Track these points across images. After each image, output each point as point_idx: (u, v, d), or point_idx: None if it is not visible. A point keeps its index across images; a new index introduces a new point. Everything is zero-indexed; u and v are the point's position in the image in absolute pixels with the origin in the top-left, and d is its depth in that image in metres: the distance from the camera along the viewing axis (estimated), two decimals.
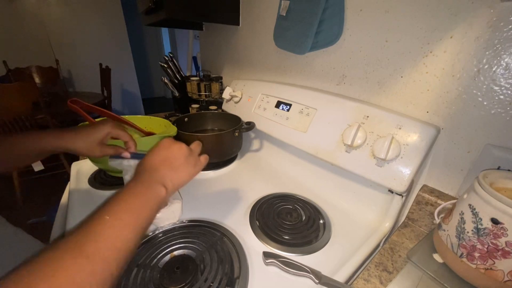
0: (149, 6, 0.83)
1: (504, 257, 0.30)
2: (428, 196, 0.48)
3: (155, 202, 0.32)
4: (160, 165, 0.36)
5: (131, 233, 0.27)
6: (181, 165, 0.37)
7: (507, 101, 0.39)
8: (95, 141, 0.43)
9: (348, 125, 0.53)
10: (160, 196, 0.33)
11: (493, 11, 0.38)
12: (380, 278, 0.38)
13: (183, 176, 0.37)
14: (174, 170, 0.36)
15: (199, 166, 0.40)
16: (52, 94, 2.05)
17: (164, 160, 0.36)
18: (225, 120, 0.85)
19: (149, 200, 0.31)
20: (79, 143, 0.42)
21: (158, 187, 0.33)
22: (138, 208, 0.30)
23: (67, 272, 0.21)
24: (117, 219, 0.27)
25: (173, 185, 0.35)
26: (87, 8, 2.74)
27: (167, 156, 0.37)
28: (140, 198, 0.31)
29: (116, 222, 0.26)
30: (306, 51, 0.65)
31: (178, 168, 0.37)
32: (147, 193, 0.32)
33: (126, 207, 0.29)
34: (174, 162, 0.37)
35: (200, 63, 1.40)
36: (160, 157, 0.37)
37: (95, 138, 0.43)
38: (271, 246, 0.45)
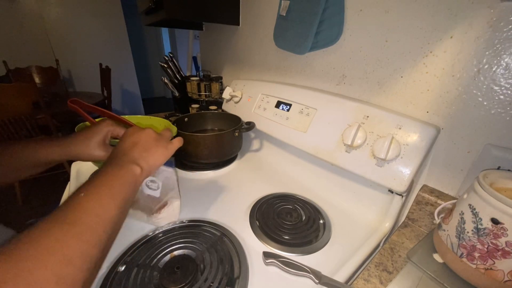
0: (149, 6, 0.83)
1: (504, 257, 0.30)
2: (428, 196, 0.48)
3: (130, 179, 0.32)
4: (130, 149, 0.36)
5: (109, 203, 0.27)
6: (152, 147, 0.37)
7: (507, 101, 0.39)
8: (97, 143, 0.43)
9: (348, 125, 0.53)
10: (135, 173, 0.33)
11: (493, 11, 0.38)
12: (380, 278, 0.38)
13: (157, 156, 0.37)
14: (146, 152, 0.36)
15: (171, 147, 0.40)
16: (52, 94, 2.04)
17: (134, 144, 0.36)
18: (225, 120, 0.85)
19: (124, 176, 0.31)
20: (80, 148, 0.42)
21: (132, 166, 0.33)
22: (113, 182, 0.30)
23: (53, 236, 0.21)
24: (93, 193, 0.27)
25: (148, 164, 0.35)
26: (87, 8, 2.74)
27: (136, 141, 0.37)
28: (114, 174, 0.31)
29: (92, 196, 0.27)
30: (306, 51, 0.65)
31: (149, 150, 0.37)
32: (121, 171, 0.32)
33: (100, 183, 0.29)
34: (145, 144, 0.37)
35: (200, 63, 1.40)
36: (129, 143, 0.37)
37: (96, 140, 0.43)
38: (271, 246, 0.45)
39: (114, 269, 0.39)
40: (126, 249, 0.43)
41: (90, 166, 0.68)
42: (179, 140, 0.44)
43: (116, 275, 0.38)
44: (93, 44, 2.90)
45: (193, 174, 0.69)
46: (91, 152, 0.42)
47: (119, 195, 0.29)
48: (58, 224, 0.23)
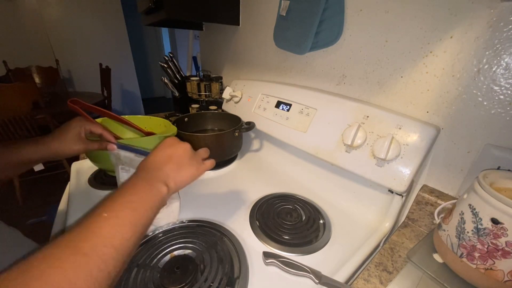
0: (149, 6, 0.83)
1: (504, 257, 0.30)
2: (428, 196, 0.48)
3: (155, 200, 0.31)
4: (163, 164, 0.35)
5: (129, 231, 0.26)
6: (185, 165, 0.37)
7: (507, 101, 0.39)
8: (72, 138, 0.43)
9: (348, 125, 0.53)
10: (161, 194, 0.32)
11: (493, 11, 0.38)
12: (380, 278, 0.38)
13: (186, 176, 0.37)
14: (177, 170, 0.36)
15: (202, 168, 0.40)
16: (52, 94, 2.04)
17: (168, 159, 0.36)
18: (225, 120, 0.85)
19: (150, 197, 0.31)
20: (57, 145, 0.42)
21: (159, 186, 0.32)
22: (137, 205, 0.29)
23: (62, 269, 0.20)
24: (116, 217, 0.26)
25: (175, 184, 0.35)
26: (87, 8, 2.74)
27: (171, 155, 0.36)
28: (140, 195, 0.30)
29: (114, 220, 0.26)
30: (306, 51, 0.65)
31: (181, 168, 0.36)
32: (148, 191, 0.31)
33: (125, 204, 0.28)
34: (178, 161, 0.36)
35: (200, 63, 1.40)
36: (164, 156, 0.36)
37: (71, 135, 0.43)
38: (271, 246, 0.45)
39: None
40: None
41: (90, 166, 0.68)
42: (212, 162, 0.42)
43: None
44: (93, 44, 2.90)
45: None
46: (68, 147, 0.43)
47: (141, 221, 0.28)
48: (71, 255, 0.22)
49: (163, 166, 0.35)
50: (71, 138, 0.43)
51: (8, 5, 2.36)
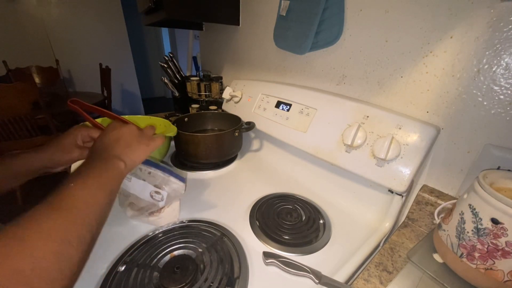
0: (149, 6, 0.83)
1: (504, 257, 0.30)
2: (428, 196, 0.48)
3: (115, 173, 0.33)
4: (113, 144, 0.36)
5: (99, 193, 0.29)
6: (134, 143, 0.38)
7: (507, 101, 0.39)
8: (68, 145, 0.44)
9: (348, 125, 0.53)
10: (120, 168, 0.34)
11: (493, 11, 0.38)
12: (380, 278, 0.38)
13: (139, 152, 0.38)
14: (128, 147, 0.37)
15: (153, 144, 0.41)
16: (52, 94, 2.04)
17: (116, 140, 0.37)
18: (225, 120, 0.85)
19: (110, 170, 0.32)
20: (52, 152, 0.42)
21: (116, 161, 0.34)
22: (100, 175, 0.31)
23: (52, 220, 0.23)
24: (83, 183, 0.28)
25: (130, 160, 0.36)
26: (87, 8, 2.73)
27: (118, 136, 0.38)
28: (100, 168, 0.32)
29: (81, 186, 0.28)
30: (306, 51, 0.65)
31: (131, 145, 0.37)
32: (107, 165, 0.33)
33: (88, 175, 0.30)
34: (126, 141, 0.38)
35: (200, 63, 1.40)
36: (112, 138, 0.37)
37: (67, 142, 0.44)
38: (271, 246, 0.45)
39: (114, 269, 0.39)
40: (126, 249, 0.43)
41: None
42: (161, 138, 0.44)
43: (116, 275, 0.38)
44: (93, 44, 2.90)
45: (193, 174, 0.69)
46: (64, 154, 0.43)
47: (106, 186, 0.31)
48: (55, 210, 0.24)
49: (112, 146, 0.36)
50: (67, 145, 0.44)
51: (8, 5, 2.35)
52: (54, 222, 0.23)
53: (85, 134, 0.46)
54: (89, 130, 0.47)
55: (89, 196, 0.28)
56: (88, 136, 0.47)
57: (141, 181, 0.45)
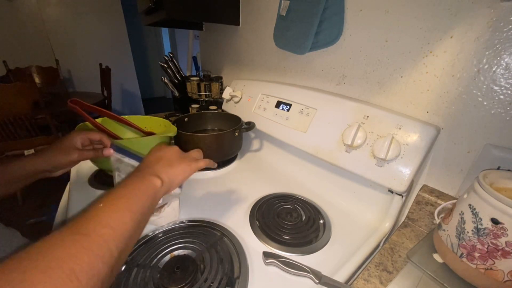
0: (149, 6, 0.83)
1: (504, 257, 0.30)
2: (428, 196, 0.48)
3: (150, 190, 0.33)
4: (153, 163, 0.37)
5: (126, 216, 0.27)
6: (175, 163, 0.39)
7: (507, 101, 0.39)
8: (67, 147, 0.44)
9: (348, 125, 0.53)
10: (155, 185, 0.33)
11: (493, 11, 0.38)
12: (380, 278, 0.38)
13: (178, 171, 0.38)
14: (168, 166, 0.37)
15: (195, 165, 0.41)
16: (52, 94, 2.04)
17: (158, 159, 0.38)
18: (225, 120, 0.85)
19: (143, 188, 0.32)
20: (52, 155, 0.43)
21: (152, 178, 0.34)
22: (132, 194, 0.30)
23: (63, 246, 0.21)
24: (111, 205, 0.27)
25: (168, 178, 0.36)
26: (87, 8, 2.74)
27: (160, 156, 0.39)
28: (134, 187, 0.31)
29: (110, 207, 0.27)
30: (306, 51, 0.65)
31: (172, 165, 0.38)
32: (142, 183, 0.33)
33: (119, 195, 0.29)
34: (168, 160, 0.38)
35: (200, 63, 1.40)
36: (154, 157, 0.38)
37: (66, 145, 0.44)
38: (271, 246, 0.45)
39: None
40: None
41: (90, 166, 0.68)
42: (208, 161, 0.45)
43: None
44: (93, 44, 2.90)
45: (193, 174, 0.69)
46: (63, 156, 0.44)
47: (137, 208, 0.29)
48: (71, 235, 0.23)
49: (153, 165, 0.37)
50: (66, 147, 0.44)
51: (8, 5, 2.35)
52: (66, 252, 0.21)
53: (85, 137, 0.47)
54: (89, 133, 0.47)
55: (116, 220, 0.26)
56: (88, 139, 0.47)
57: None
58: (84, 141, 0.47)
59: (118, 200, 0.28)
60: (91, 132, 0.48)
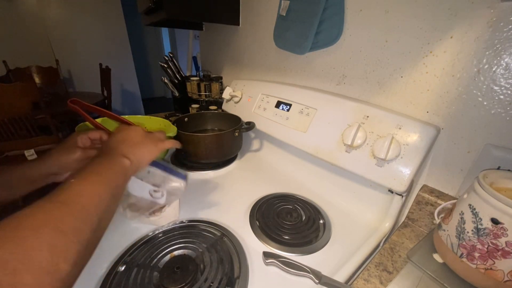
0: (149, 6, 0.83)
1: (504, 257, 0.30)
2: (428, 196, 0.48)
3: (119, 169, 0.33)
4: (119, 144, 0.37)
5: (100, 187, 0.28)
6: (140, 143, 0.38)
7: (507, 101, 0.39)
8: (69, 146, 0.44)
9: (348, 125, 0.53)
10: (125, 165, 0.33)
11: (493, 11, 0.38)
12: (380, 278, 0.38)
13: (145, 151, 0.38)
14: (134, 146, 0.37)
15: (161, 145, 0.41)
16: (52, 94, 2.04)
17: (122, 140, 0.38)
18: (225, 120, 0.85)
19: (113, 166, 0.32)
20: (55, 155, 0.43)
21: (120, 158, 0.34)
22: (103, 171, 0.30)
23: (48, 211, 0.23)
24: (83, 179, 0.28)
25: (136, 158, 0.36)
26: (87, 8, 2.74)
27: (124, 137, 0.38)
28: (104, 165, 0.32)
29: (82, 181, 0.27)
30: (306, 51, 0.65)
31: (137, 145, 0.38)
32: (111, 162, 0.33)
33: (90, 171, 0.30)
34: (133, 140, 0.38)
35: (200, 63, 1.40)
36: (118, 139, 0.38)
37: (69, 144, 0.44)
38: (271, 246, 0.45)
39: (114, 269, 0.39)
40: (126, 249, 0.43)
41: None
42: (173, 141, 0.45)
43: (116, 275, 0.38)
44: (93, 44, 2.90)
45: (193, 174, 0.69)
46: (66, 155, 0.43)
47: (110, 182, 0.30)
48: (53, 203, 0.24)
49: (118, 145, 0.36)
50: (68, 147, 0.44)
51: (8, 5, 2.35)
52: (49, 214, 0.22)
53: (84, 137, 0.47)
54: (88, 133, 0.47)
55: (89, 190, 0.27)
56: (88, 139, 0.47)
57: (139, 180, 0.45)
58: (84, 140, 0.47)
59: (90, 175, 0.29)
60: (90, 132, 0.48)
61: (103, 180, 0.29)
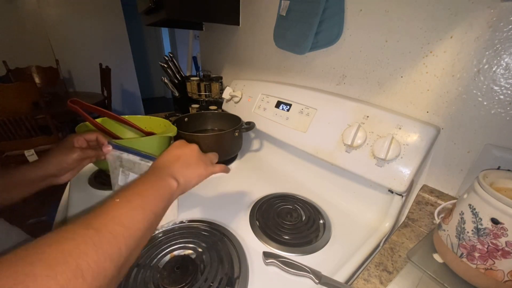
0: (149, 6, 0.83)
1: (504, 257, 0.30)
2: (428, 196, 0.48)
3: (165, 191, 0.32)
4: (171, 162, 0.37)
5: (140, 214, 0.27)
6: (193, 164, 0.38)
7: (507, 101, 0.39)
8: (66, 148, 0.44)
9: (348, 125, 0.53)
10: (171, 187, 0.33)
11: (493, 11, 0.38)
12: (380, 278, 0.38)
13: (194, 173, 0.38)
14: (185, 167, 0.37)
15: (210, 169, 0.41)
16: (52, 94, 2.04)
17: (176, 158, 0.38)
18: (225, 120, 0.85)
19: (160, 188, 0.32)
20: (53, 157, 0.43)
21: (169, 179, 0.34)
22: (148, 193, 0.30)
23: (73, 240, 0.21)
24: (127, 201, 0.27)
25: (184, 180, 0.36)
26: (87, 8, 2.74)
27: (179, 155, 0.38)
28: (151, 185, 0.31)
29: (125, 204, 0.27)
30: (306, 51, 0.65)
31: (189, 166, 0.38)
32: (158, 183, 0.32)
33: (136, 192, 0.29)
34: (186, 160, 0.38)
35: (200, 63, 1.40)
36: (172, 156, 0.38)
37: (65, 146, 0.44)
38: (271, 246, 0.45)
39: None
40: None
41: (90, 166, 0.68)
42: (223, 167, 0.44)
43: None
44: (93, 44, 2.90)
45: None
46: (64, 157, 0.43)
47: (151, 207, 0.29)
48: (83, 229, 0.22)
49: (171, 164, 0.36)
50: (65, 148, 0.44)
51: (8, 5, 2.36)
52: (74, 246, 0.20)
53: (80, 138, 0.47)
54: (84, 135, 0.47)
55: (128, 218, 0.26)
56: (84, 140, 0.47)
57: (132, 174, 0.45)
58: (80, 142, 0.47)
59: (133, 197, 0.28)
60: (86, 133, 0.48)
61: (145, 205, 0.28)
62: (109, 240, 0.23)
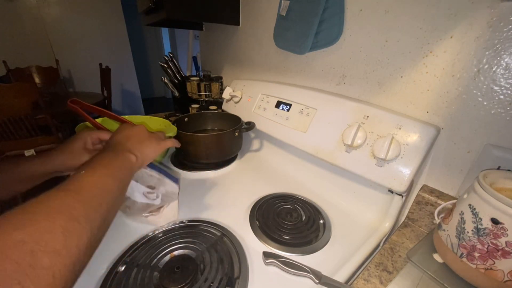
0: (149, 6, 0.83)
1: (504, 257, 0.30)
2: (428, 196, 0.48)
3: (126, 165, 0.34)
4: (125, 140, 0.38)
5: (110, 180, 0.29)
6: (145, 141, 0.40)
7: (507, 101, 0.39)
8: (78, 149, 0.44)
9: (348, 125, 0.53)
10: (131, 161, 0.35)
11: (493, 11, 0.38)
12: (380, 278, 0.38)
13: (149, 149, 0.39)
14: (139, 143, 0.38)
15: (163, 144, 0.43)
16: (52, 94, 2.04)
17: (128, 137, 0.39)
18: (225, 120, 0.85)
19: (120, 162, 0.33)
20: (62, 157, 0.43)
21: (127, 153, 0.35)
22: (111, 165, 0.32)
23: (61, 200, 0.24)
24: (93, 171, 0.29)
25: (141, 154, 0.37)
26: (87, 8, 2.73)
27: (129, 134, 0.39)
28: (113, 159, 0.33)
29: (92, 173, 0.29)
30: (306, 51, 0.65)
31: (143, 142, 0.39)
32: (118, 157, 0.34)
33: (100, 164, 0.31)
34: (138, 138, 0.39)
35: (200, 63, 1.40)
36: (123, 135, 0.39)
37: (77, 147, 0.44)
38: (271, 246, 0.45)
39: (114, 269, 0.39)
40: (126, 249, 0.43)
41: None
42: (173, 141, 0.47)
43: (116, 275, 0.38)
44: (93, 44, 2.90)
45: (193, 174, 0.69)
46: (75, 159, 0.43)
47: (117, 176, 0.31)
48: (65, 192, 0.25)
49: (125, 142, 0.38)
50: (77, 150, 0.43)
51: (8, 5, 2.35)
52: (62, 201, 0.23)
53: (95, 137, 0.46)
54: (99, 133, 0.47)
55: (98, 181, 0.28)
56: (98, 139, 0.47)
57: (133, 181, 0.45)
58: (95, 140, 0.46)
59: (98, 168, 0.30)
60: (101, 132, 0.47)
61: (111, 173, 0.30)
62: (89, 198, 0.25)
